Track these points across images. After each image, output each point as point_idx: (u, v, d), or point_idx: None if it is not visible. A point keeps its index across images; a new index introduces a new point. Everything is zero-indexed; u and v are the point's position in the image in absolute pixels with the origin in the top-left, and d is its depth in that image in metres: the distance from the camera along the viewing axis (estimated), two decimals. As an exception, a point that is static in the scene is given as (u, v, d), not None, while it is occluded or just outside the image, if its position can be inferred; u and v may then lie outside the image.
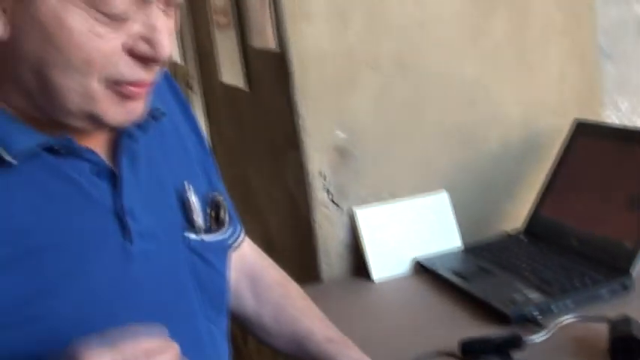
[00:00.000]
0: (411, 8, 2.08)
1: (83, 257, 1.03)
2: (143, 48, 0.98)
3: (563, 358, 1.53)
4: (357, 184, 2.11)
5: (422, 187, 2.17)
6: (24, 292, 0.98)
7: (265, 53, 2.21)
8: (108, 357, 0.89)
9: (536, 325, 1.65)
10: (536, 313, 1.68)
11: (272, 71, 2.18)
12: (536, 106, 2.27)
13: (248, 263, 1.53)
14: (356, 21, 2.04)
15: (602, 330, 1.53)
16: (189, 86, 3.97)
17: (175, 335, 1.03)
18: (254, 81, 2.50)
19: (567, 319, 1.65)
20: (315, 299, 1.72)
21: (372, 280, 2.07)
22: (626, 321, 1.51)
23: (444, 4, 2.12)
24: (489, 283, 1.88)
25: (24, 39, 0.94)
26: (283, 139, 2.17)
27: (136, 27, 0.97)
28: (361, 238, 2.09)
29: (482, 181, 2.24)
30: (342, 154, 2.08)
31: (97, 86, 0.97)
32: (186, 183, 1.22)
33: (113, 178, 1.08)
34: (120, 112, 1.01)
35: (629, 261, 1.81)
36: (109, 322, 0.96)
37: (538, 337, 1.59)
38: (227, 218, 1.28)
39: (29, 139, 1.00)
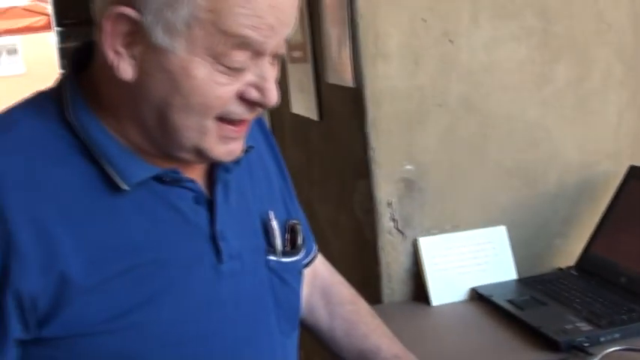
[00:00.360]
0: (480, 54, 2.21)
1: (182, 274, 1.18)
2: (254, 95, 1.13)
3: (609, 384, 1.63)
4: (422, 215, 2.24)
5: (482, 220, 2.29)
6: (131, 301, 1.13)
7: (340, 88, 2.35)
8: None
9: (584, 353, 1.75)
10: (585, 342, 1.79)
11: (346, 105, 2.32)
12: (593, 150, 2.37)
13: (321, 279, 1.66)
14: (428, 63, 2.18)
15: (647, 360, 1.62)
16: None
17: (254, 347, 1.22)
18: (325, 113, 2.64)
19: (614, 349, 1.75)
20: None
21: (431, 305, 2.19)
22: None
23: (511, 51, 2.24)
24: (542, 313, 1.99)
25: (150, 83, 1.09)
26: (353, 169, 2.30)
27: (249, 76, 1.12)
28: (423, 265, 2.21)
29: (539, 218, 2.34)
30: (409, 185, 2.21)
31: (210, 124, 1.13)
32: (269, 211, 1.36)
33: (209, 205, 1.23)
34: (223, 150, 1.17)
35: (674, 299, 1.91)
36: (199, 331, 1.14)
37: (588, 365, 1.69)
38: (301, 242, 1.42)
39: (143, 171, 1.15)
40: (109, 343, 1.12)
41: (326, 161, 2.76)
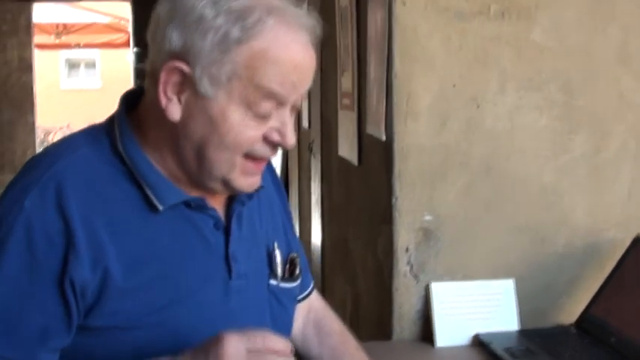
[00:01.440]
0: (504, 120, 2.42)
1: (199, 285, 1.43)
2: (276, 137, 1.38)
3: None
4: (436, 262, 2.43)
5: (491, 271, 2.47)
6: (156, 303, 1.38)
7: (375, 139, 2.57)
8: (243, 344, 1.27)
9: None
10: (565, 396, 1.97)
11: (378, 155, 2.53)
12: (603, 219, 2.54)
13: (314, 312, 1.87)
14: (454, 124, 2.38)
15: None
16: (310, 150, 4.40)
17: None
18: (364, 159, 2.87)
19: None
20: (384, 356, 2.05)
21: (435, 346, 2.38)
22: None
23: (533, 120, 2.44)
24: (532, 363, 2.17)
25: (193, 123, 1.35)
26: (380, 214, 2.50)
27: (273, 122, 1.37)
28: (432, 309, 2.40)
29: (546, 276, 2.52)
30: (427, 234, 2.41)
31: (239, 160, 1.37)
32: (274, 242, 1.61)
33: (225, 231, 1.48)
34: (246, 182, 1.41)
35: (653, 364, 2.08)
36: (208, 334, 1.34)
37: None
38: (298, 272, 1.65)
39: (176, 196, 1.40)
40: (138, 337, 1.36)
41: (360, 203, 2.98)
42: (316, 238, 4.48)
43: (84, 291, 1.31)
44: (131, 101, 1.47)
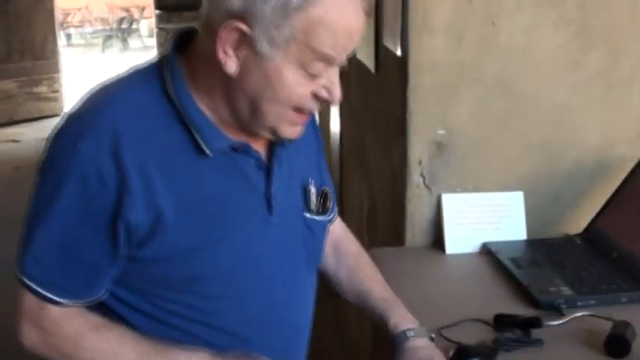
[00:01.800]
0: (518, 36, 2.46)
1: (243, 220, 1.57)
2: (324, 94, 1.48)
3: (568, 341, 1.93)
4: (448, 174, 2.53)
5: (502, 185, 2.56)
6: (204, 237, 1.51)
7: (391, 52, 2.64)
8: None
9: (558, 313, 2.04)
10: (563, 304, 2.08)
11: (394, 69, 2.61)
12: (613, 136, 2.61)
13: (335, 235, 1.98)
14: (469, 40, 2.44)
15: (607, 327, 1.90)
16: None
17: (287, 279, 1.64)
18: (380, 69, 2.94)
19: (584, 313, 2.03)
20: (396, 260, 2.18)
21: (445, 253, 2.50)
22: (625, 325, 1.89)
23: (548, 36, 2.48)
24: (535, 273, 2.29)
25: (249, 79, 1.44)
26: (395, 126, 2.59)
27: (322, 80, 1.47)
28: (443, 218, 2.51)
29: (554, 189, 2.61)
30: (440, 147, 2.49)
31: (289, 113, 1.49)
32: (309, 179, 1.73)
33: (267, 171, 1.60)
34: (291, 131, 1.53)
35: (651, 277, 2.19)
36: (249, 264, 1.56)
37: (556, 322, 1.98)
38: (330, 205, 1.78)
39: (223, 141, 1.52)
40: (185, 267, 1.51)
41: (377, 110, 3.06)
42: (335, 132, 4.59)
43: (137, 229, 1.44)
44: (181, 43, 1.56)
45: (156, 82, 1.50)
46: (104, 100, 1.48)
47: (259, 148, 1.60)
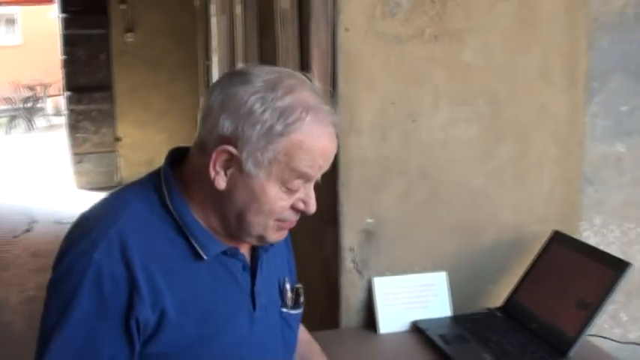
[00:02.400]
0: (437, 132, 2.70)
1: (231, 318, 1.73)
2: (301, 206, 1.68)
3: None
4: (378, 259, 2.73)
5: (427, 266, 2.78)
6: (199, 334, 1.66)
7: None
8: None
9: (488, 385, 2.24)
10: (491, 377, 2.28)
11: (326, 166, 2.80)
12: (527, 215, 2.86)
13: None
14: (393, 137, 2.66)
15: (533, 395, 2.11)
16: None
17: None
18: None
19: (510, 384, 2.24)
20: (333, 342, 2.36)
21: (378, 333, 2.69)
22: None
23: (464, 131, 2.72)
24: (463, 348, 2.48)
25: (236, 194, 1.63)
26: (327, 218, 2.77)
27: (299, 194, 1.66)
28: (375, 300, 2.71)
29: (475, 266, 2.84)
30: (369, 235, 2.69)
31: (271, 223, 1.67)
32: (284, 277, 1.94)
33: (251, 272, 1.79)
34: (277, 235, 1.72)
35: (569, 346, 2.40)
36: (235, 349, 1.71)
37: (486, 394, 2.18)
38: (302, 301, 1.97)
39: (217, 247, 1.69)
40: None
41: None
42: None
43: (145, 327, 1.58)
44: (174, 159, 1.75)
45: (154, 196, 1.67)
46: (111, 213, 1.64)
47: (245, 251, 1.78)
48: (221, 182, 1.62)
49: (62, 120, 13.73)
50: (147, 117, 10.99)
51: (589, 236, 3.02)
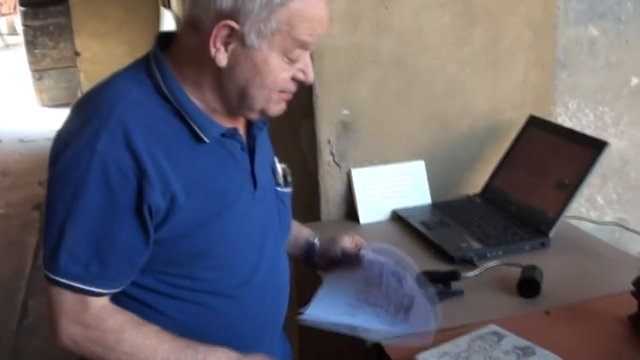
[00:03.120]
0: (410, 19, 2.66)
1: (235, 197, 1.75)
2: (301, 76, 1.69)
3: (485, 288, 2.13)
4: (355, 151, 2.72)
5: (405, 156, 2.78)
6: (207, 214, 1.68)
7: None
8: None
9: (472, 265, 2.26)
10: (474, 256, 2.30)
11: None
12: (501, 102, 2.86)
13: None
14: (365, 26, 2.62)
15: (516, 273, 2.12)
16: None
17: (272, 243, 1.87)
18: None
19: (495, 263, 2.25)
20: (317, 232, 2.35)
21: (359, 223, 2.71)
22: (533, 268, 2.12)
23: (436, 17, 2.69)
24: (445, 233, 2.50)
25: (237, 69, 1.62)
26: (301, 111, 2.74)
27: (299, 64, 1.67)
28: (354, 191, 2.72)
29: (452, 155, 2.84)
30: (346, 126, 2.68)
31: (274, 96, 1.68)
32: (274, 158, 1.97)
33: (249, 152, 1.79)
34: (278, 108, 1.72)
35: (549, 226, 2.43)
36: (240, 232, 1.75)
37: (471, 273, 2.20)
38: (290, 180, 2.01)
39: (217, 129, 1.69)
40: (193, 243, 1.67)
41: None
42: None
43: (157, 212, 1.58)
44: (162, 42, 1.72)
45: (147, 81, 1.65)
46: (108, 102, 1.60)
47: (241, 132, 1.79)
48: (222, 59, 1.61)
49: (18, 39, 13.52)
50: (105, 29, 10.77)
51: (564, 121, 3.04)
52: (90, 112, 1.60)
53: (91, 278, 1.58)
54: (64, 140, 1.60)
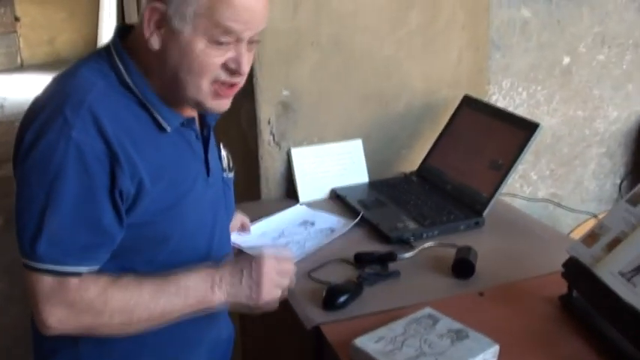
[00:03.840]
0: (347, 1, 2.70)
1: (192, 184, 1.78)
2: (232, 65, 1.66)
3: (421, 269, 2.20)
4: (295, 130, 2.77)
5: (343, 135, 2.84)
6: (170, 200, 1.71)
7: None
8: (275, 263, 1.73)
9: (408, 245, 2.32)
10: (410, 237, 2.36)
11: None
12: (437, 81, 2.93)
13: None
14: (304, 8, 2.65)
15: (452, 253, 2.20)
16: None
17: (220, 224, 1.93)
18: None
19: (430, 243, 2.33)
20: (257, 212, 2.41)
21: (299, 202, 2.75)
22: (467, 249, 2.19)
23: (373, -1, 2.74)
24: (382, 213, 2.55)
25: (168, 52, 1.63)
26: (241, 92, 2.74)
27: (230, 53, 1.65)
28: (294, 170, 2.77)
29: (389, 133, 2.90)
30: (285, 107, 2.72)
31: (205, 85, 1.67)
32: (219, 145, 2.00)
33: (203, 141, 1.84)
34: (215, 104, 1.72)
35: (483, 206, 2.50)
36: (197, 216, 1.79)
37: (408, 254, 2.26)
38: (232, 166, 2.05)
39: (177, 119, 1.72)
40: (156, 228, 1.70)
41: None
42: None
43: (127, 197, 1.61)
44: (121, 35, 1.74)
45: (110, 73, 1.67)
46: (77, 92, 1.62)
47: (196, 121, 1.83)
48: (155, 42, 1.64)
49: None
50: (45, -5, 10.69)
51: (498, 99, 3.12)
52: (60, 101, 1.61)
53: (73, 260, 1.60)
54: (37, 128, 1.60)
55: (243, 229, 2.43)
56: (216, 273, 1.71)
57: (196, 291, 1.68)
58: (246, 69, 1.69)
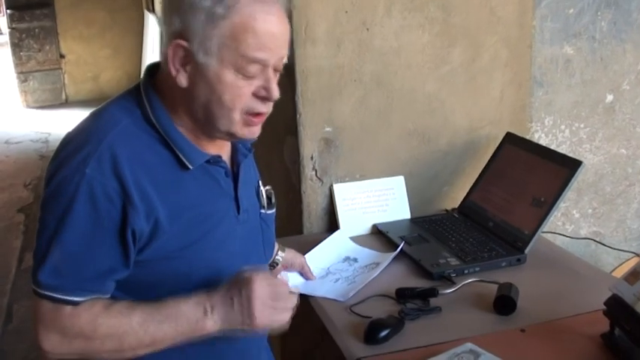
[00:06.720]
0: (390, 39, 2.73)
1: (218, 221, 1.79)
2: (262, 93, 1.68)
3: (463, 305, 2.20)
4: (337, 166, 2.80)
5: (385, 171, 2.86)
6: (190, 238, 1.71)
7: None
8: (267, 287, 1.70)
9: (450, 282, 2.33)
10: (452, 273, 2.37)
11: (282, 78, 2.82)
12: (479, 118, 2.94)
13: None
14: (347, 46, 2.69)
15: (493, 290, 2.19)
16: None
17: (253, 260, 1.88)
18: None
19: (472, 279, 2.33)
20: (299, 247, 2.43)
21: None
22: (509, 286, 2.18)
23: (416, 37, 2.77)
24: (424, 249, 2.57)
25: (197, 88, 1.65)
26: (285, 128, 2.83)
27: (258, 82, 1.67)
28: (336, 206, 2.79)
29: (431, 170, 2.92)
30: (328, 143, 2.75)
31: (237, 116, 1.68)
32: (259, 181, 2.00)
33: (233, 178, 1.84)
34: (247, 131, 1.72)
35: (525, 243, 2.50)
36: (225, 255, 1.78)
37: (449, 290, 2.26)
38: (274, 202, 2.04)
39: (201, 157, 1.73)
40: (176, 265, 1.71)
41: (265, 122, 3.27)
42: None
43: (141, 236, 1.63)
44: (151, 73, 1.77)
45: (137, 110, 1.70)
46: (100, 130, 1.66)
47: (226, 159, 1.83)
48: (182, 79, 1.65)
49: (4, 38, 13.51)
50: (90, 32, 10.86)
51: (540, 137, 3.12)
52: (83, 138, 1.66)
53: (71, 291, 1.62)
54: (59, 162, 1.65)
55: (303, 271, 2.42)
56: (207, 300, 1.69)
57: (188, 319, 1.67)
58: (276, 95, 1.70)
